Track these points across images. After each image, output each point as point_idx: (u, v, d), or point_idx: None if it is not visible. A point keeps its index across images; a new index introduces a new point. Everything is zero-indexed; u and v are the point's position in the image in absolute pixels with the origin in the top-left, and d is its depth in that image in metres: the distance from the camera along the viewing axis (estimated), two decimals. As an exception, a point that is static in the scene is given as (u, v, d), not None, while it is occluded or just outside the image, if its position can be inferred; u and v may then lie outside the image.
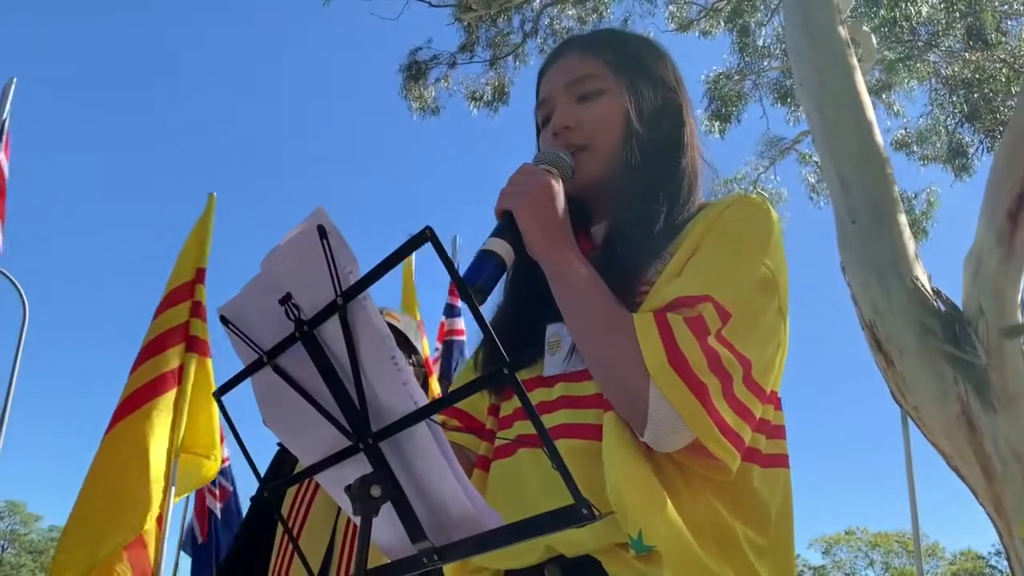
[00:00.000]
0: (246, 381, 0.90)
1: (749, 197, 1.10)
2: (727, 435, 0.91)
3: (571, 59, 1.20)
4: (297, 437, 0.91)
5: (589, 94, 1.16)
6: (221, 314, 0.87)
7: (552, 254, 1.01)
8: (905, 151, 9.92)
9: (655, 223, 1.08)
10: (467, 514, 0.76)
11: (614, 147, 1.13)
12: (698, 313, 0.94)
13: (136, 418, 3.33)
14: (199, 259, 3.78)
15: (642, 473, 0.93)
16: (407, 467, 0.79)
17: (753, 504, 1.00)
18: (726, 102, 9.98)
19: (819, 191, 10.20)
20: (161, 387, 3.42)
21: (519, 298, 1.14)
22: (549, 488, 0.98)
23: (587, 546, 0.97)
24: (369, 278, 0.76)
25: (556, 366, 1.06)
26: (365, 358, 0.78)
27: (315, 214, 0.78)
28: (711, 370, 0.91)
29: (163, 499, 3.29)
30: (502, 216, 1.02)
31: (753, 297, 0.99)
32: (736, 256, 1.02)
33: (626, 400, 0.94)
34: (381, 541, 0.86)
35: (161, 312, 3.64)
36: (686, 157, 1.15)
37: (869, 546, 36.25)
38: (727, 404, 0.91)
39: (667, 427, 0.91)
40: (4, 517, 38.55)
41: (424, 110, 10.27)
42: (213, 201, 3.93)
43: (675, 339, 0.92)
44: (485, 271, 0.97)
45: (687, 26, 10.09)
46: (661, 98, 1.18)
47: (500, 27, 10.29)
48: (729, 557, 0.94)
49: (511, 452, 1.08)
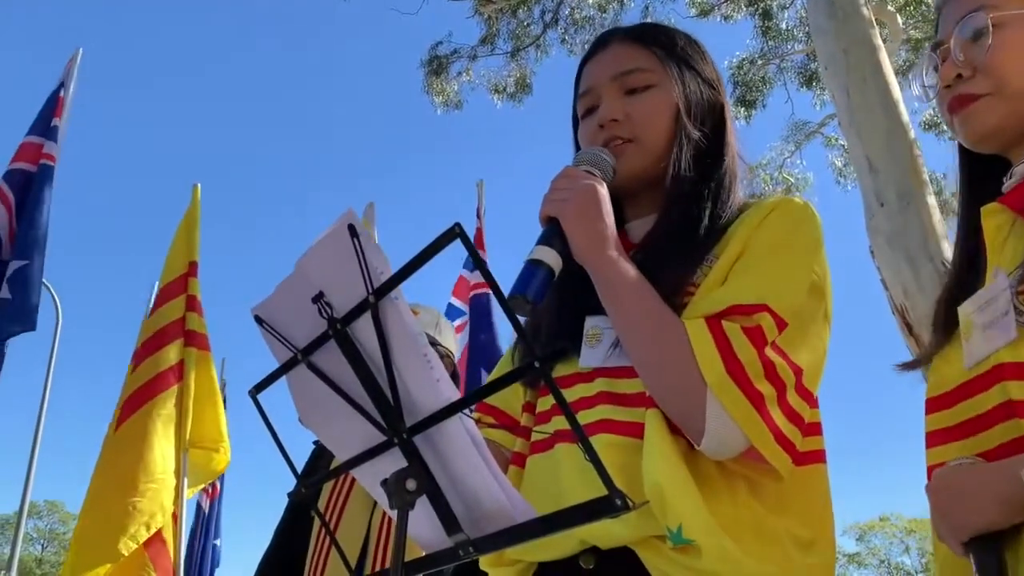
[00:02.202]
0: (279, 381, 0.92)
1: (793, 200, 1.09)
2: (781, 442, 0.93)
3: (619, 50, 1.17)
4: (332, 433, 0.93)
5: (638, 87, 1.14)
6: (255, 314, 0.89)
7: (600, 260, 1.00)
8: (935, 131, 9.79)
9: (700, 223, 1.07)
10: (501, 506, 0.77)
11: (661, 143, 1.12)
12: (756, 323, 0.94)
13: (139, 417, 3.30)
14: (190, 252, 3.71)
15: (683, 470, 0.94)
16: (441, 461, 0.80)
17: (790, 500, 1.00)
18: (750, 87, 9.91)
19: (846, 175, 10.11)
20: (162, 384, 3.37)
21: (558, 292, 1.14)
22: (584, 482, 0.99)
23: (622, 538, 0.98)
24: (399, 276, 0.77)
25: (595, 359, 1.06)
26: (397, 354, 0.80)
27: (346, 215, 0.80)
28: (767, 379, 0.92)
29: (176, 495, 3.27)
30: (547, 222, 1.01)
31: (804, 305, 0.99)
32: (788, 263, 1.02)
33: (680, 406, 0.95)
34: (417, 534, 0.87)
35: (156, 308, 3.60)
36: (728, 156, 1.15)
37: (905, 532, 35.92)
38: (781, 412, 0.93)
39: (725, 435, 0.92)
40: (43, 516, 39.33)
41: (447, 104, 10.30)
42: (198, 192, 3.85)
43: (733, 348, 0.92)
44: (535, 281, 0.95)
45: (708, 11, 10.01)
46: (706, 95, 1.17)
47: (520, 18, 10.28)
48: (769, 551, 0.95)
49: (548, 447, 1.09)
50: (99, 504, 3.17)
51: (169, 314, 3.55)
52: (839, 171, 10.38)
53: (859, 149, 4.97)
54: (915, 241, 4.58)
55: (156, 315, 3.57)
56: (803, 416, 0.96)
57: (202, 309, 3.63)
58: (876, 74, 5.05)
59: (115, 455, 3.27)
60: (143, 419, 3.28)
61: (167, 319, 3.53)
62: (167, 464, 3.25)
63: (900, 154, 4.82)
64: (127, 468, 3.18)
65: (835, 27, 5.25)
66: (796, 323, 0.97)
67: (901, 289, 4.58)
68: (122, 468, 3.20)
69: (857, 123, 5.01)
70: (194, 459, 3.41)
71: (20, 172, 3.83)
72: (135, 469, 3.17)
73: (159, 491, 3.18)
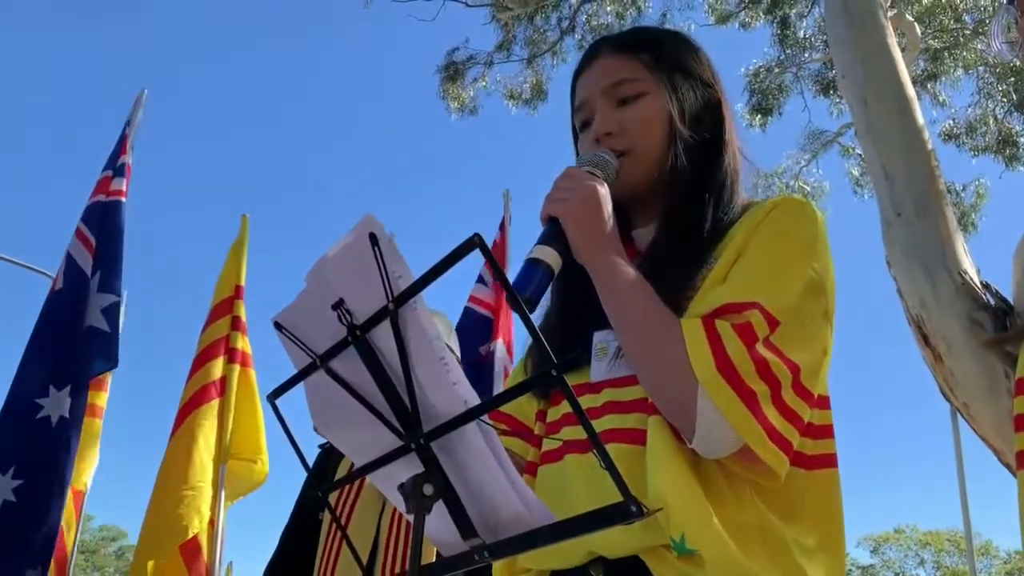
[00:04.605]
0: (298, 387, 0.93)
1: (793, 198, 1.09)
2: (776, 440, 0.92)
3: (607, 61, 1.17)
4: (349, 439, 0.94)
5: (629, 97, 1.14)
6: (275, 321, 0.90)
7: (599, 259, 1.01)
8: (954, 142, 9.71)
9: (702, 226, 1.07)
10: (517, 511, 0.78)
11: (657, 150, 1.12)
12: (746, 320, 0.94)
13: (186, 428, 3.55)
14: (237, 277, 3.97)
15: (686, 477, 0.94)
16: (458, 466, 0.81)
17: (800, 506, 1.00)
18: (767, 95, 9.87)
19: (863, 184, 10.04)
20: (205, 397, 3.62)
21: (566, 304, 1.14)
22: (594, 492, 0.99)
23: (627, 547, 0.98)
24: (419, 284, 0.78)
25: (602, 372, 1.07)
26: (416, 360, 0.80)
27: (365, 222, 0.81)
28: (760, 377, 0.92)
29: (213, 504, 3.47)
30: (548, 222, 1.02)
31: (801, 302, 0.98)
32: (783, 260, 1.01)
33: (674, 406, 0.95)
34: (433, 536, 0.88)
35: (207, 327, 3.86)
36: (728, 155, 1.14)
37: (919, 545, 35.54)
38: (776, 410, 0.92)
39: (716, 433, 0.91)
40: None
41: (462, 110, 10.32)
42: (246, 222, 4.13)
43: (724, 346, 0.92)
44: (533, 280, 0.96)
45: (726, 18, 9.99)
46: (700, 95, 1.16)
47: (537, 25, 10.29)
48: (776, 559, 0.95)
49: (558, 457, 1.09)
50: (155, 507, 3.42)
51: (216, 332, 3.81)
52: (856, 180, 10.32)
53: (876, 159, 4.95)
54: (932, 252, 4.55)
55: (206, 333, 3.83)
56: (801, 415, 0.95)
57: (246, 329, 3.89)
58: (894, 84, 5.02)
59: (169, 461, 3.53)
60: (189, 430, 3.54)
61: (214, 337, 3.80)
62: (205, 474, 3.48)
63: (917, 165, 4.79)
64: (176, 473, 3.45)
65: (853, 36, 5.23)
66: (793, 321, 0.96)
67: (918, 299, 4.54)
68: (172, 473, 3.47)
69: (874, 133, 4.99)
70: (234, 470, 3.61)
71: (98, 205, 3.99)
72: (180, 476, 3.43)
73: (195, 497, 3.40)
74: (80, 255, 3.84)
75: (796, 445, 0.95)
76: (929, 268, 4.52)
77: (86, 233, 3.90)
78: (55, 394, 3.49)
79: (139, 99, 4.38)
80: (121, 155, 4.16)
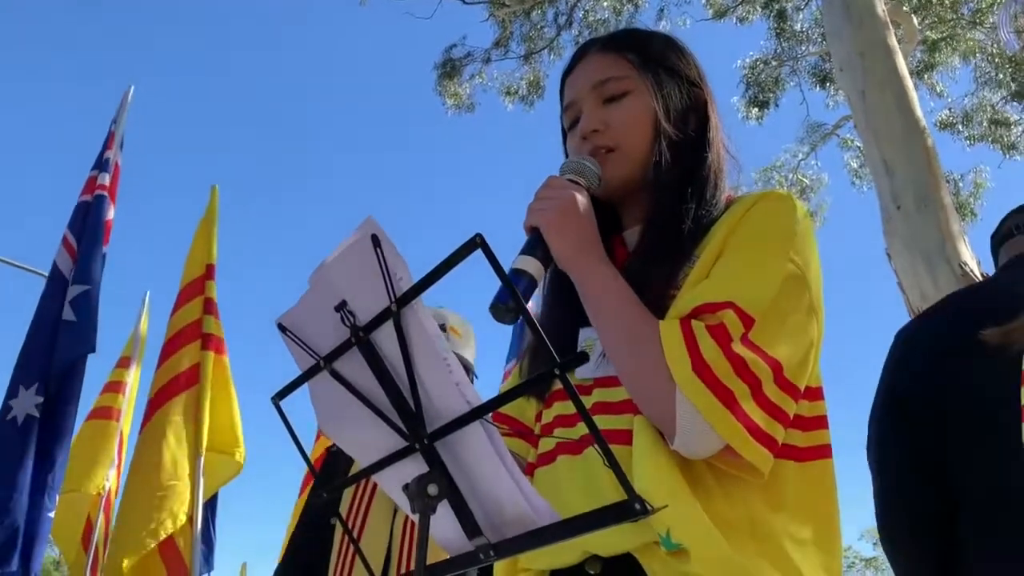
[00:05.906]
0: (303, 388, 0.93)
1: (774, 192, 1.09)
2: (758, 437, 0.91)
3: (594, 60, 1.19)
4: (354, 439, 0.94)
5: (615, 95, 1.15)
6: (279, 323, 0.91)
7: (580, 266, 1.02)
8: (951, 131, 9.72)
9: (684, 225, 1.07)
10: (521, 510, 0.79)
11: (643, 148, 1.13)
12: (719, 321, 0.94)
13: (156, 422, 3.37)
14: (207, 255, 3.74)
15: (670, 474, 0.94)
16: (462, 465, 0.82)
17: (792, 498, 1.00)
18: (764, 88, 9.89)
19: (862, 176, 10.05)
20: (177, 387, 3.43)
21: (553, 306, 1.15)
22: (586, 494, 1.00)
23: (620, 546, 0.99)
24: (421, 285, 0.78)
25: (589, 370, 1.07)
26: (418, 360, 0.81)
27: (366, 224, 0.81)
28: (737, 375, 0.91)
29: (191, 498, 3.30)
30: (530, 231, 1.03)
31: (779, 297, 0.98)
32: (759, 256, 1.01)
33: (655, 408, 0.95)
34: (439, 536, 0.88)
35: (176, 311, 3.63)
36: (712, 153, 1.15)
37: (922, 535, 35.53)
38: (757, 406, 0.92)
39: (696, 434, 0.91)
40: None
41: (459, 107, 10.33)
42: (216, 194, 3.89)
43: (699, 347, 0.92)
44: (517, 290, 0.96)
45: (723, 13, 9.99)
46: (686, 94, 1.17)
47: (534, 21, 10.29)
48: (766, 552, 0.95)
49: (551, 460, 1.10)
50: (127, 508, 3.27)
51: (186, 316, 3.59)
52: (855, 173, 10.33)
53: (875, 151, 4.96)
54: (932, 243, 4.56)
55: (175, 317, 3.62)
56: (786, 409, 0.95)
57: (219, 312, 3.66)
58: (892, 76, 5.03)
59: (141, 454, 3.35)
60: (161, 421, 3.36)
61: (185, 321, 3.58)
62: (178, 470, 3.30)
63: (916, 156, 4.80)
64: (151, 467, 3.28)
65: (851, 29, 5.23)
66: (770, 316, 0.96)
67: (918, 291, 4.55)
68: (146, 467, 3.29)
69: (873, 125, 5.00)
70: (210, 462, 3.43)
71: (82, 205, 3.93)
72: (153, 475, 3.26)
73: (167, 498, 3.24)
74: (64, 262, 3.76)
75: (780, 440, 0.95)
76: (929, 259, 4.53)
77: (71, 240, 3.82)
78: (23, 393, 3.40)
79: (126, 96, 4.34)
80: (107, 151, 4.09)
